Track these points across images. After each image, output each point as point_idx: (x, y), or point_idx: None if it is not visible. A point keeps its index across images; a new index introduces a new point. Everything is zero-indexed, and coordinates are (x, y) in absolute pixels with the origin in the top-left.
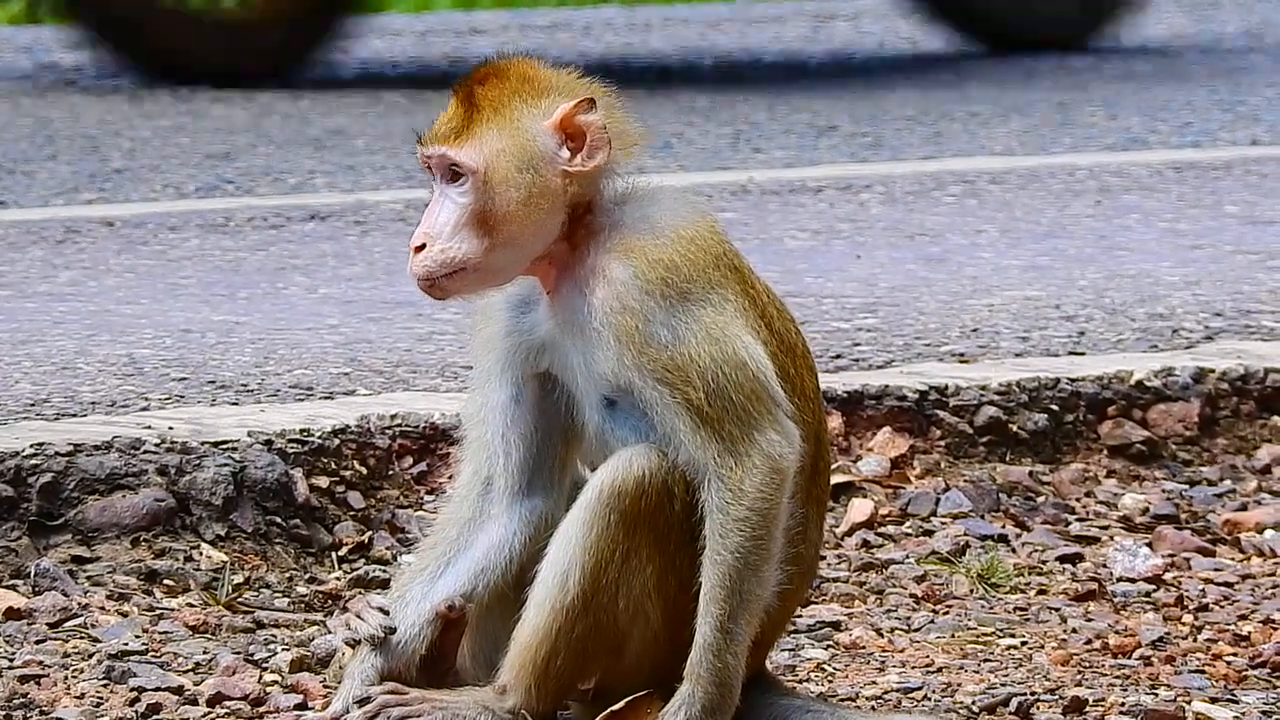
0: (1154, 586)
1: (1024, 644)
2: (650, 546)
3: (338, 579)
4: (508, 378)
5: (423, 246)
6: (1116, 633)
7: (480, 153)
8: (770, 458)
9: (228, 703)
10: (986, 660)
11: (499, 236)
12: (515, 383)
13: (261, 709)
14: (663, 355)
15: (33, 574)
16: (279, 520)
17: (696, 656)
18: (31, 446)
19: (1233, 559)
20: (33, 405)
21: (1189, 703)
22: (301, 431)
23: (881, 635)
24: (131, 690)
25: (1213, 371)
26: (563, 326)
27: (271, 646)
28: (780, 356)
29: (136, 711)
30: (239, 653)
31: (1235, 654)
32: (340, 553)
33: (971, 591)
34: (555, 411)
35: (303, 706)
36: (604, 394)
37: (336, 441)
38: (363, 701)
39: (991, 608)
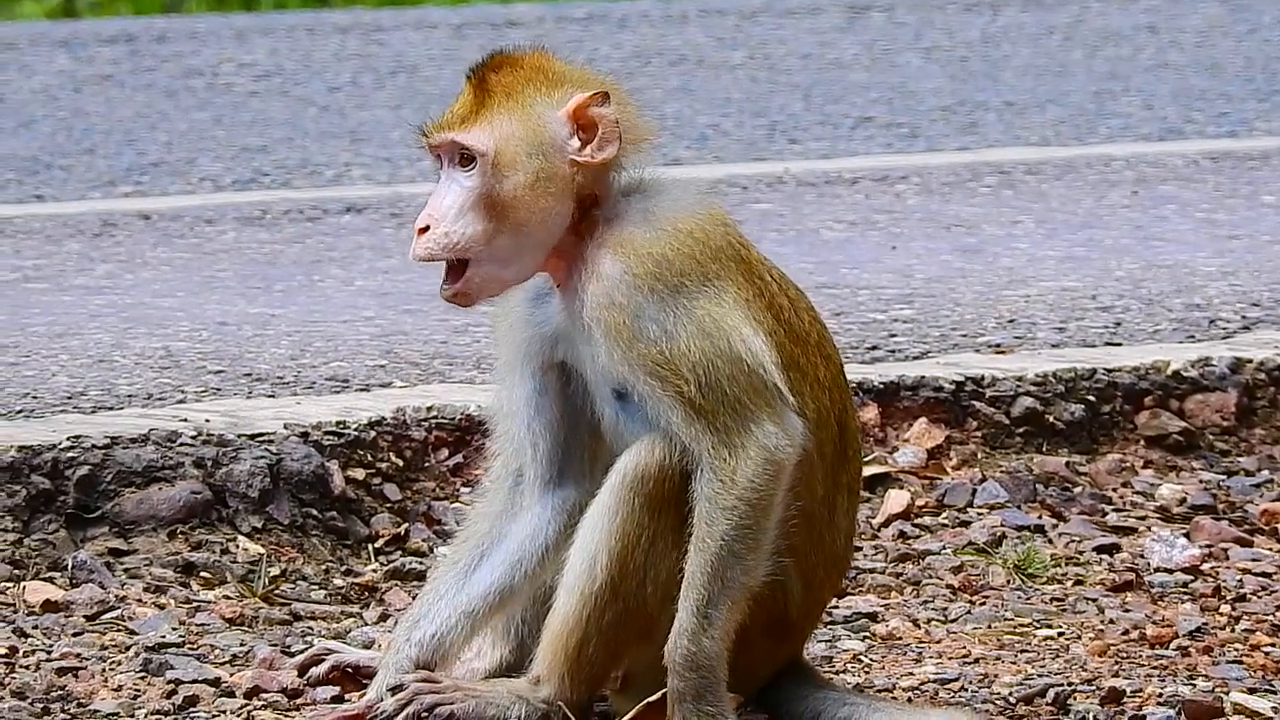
0: (1191, 577)
1: (1061, 635)
2: (675, 531)
3: (374, 571)
4: (528, 370)
5: (426, 229)
6: (1154, 623)
7: (490, 136)
8: (766, 449)
9: (265, 695)
10: (1023, 651)
11: (505, 222)
12: (535, 374)
13: (298, 700)
14: (652, 350)
15: (70, 566)
16: (315, 512)
17: (672, 643)
18: (68, 439)
19: (1270, 549)
20: (70, 398)
21: (1227, 693)
22: (338, 424)
23: (918, 626)
24: (169, 682)
25: (1250, 361)
26: (571, 320)
27: (308, 639)
28: (789, 347)
29: (174, 703)
30: (276, 645)
31: (1273, 644)
32: (376, 545)
33: (1008, 582)
34: (577, 401)
35: (339, 699)
36: (613, 386)
37: (373, 434)
38: (396, 689)
39: (1028, 598)
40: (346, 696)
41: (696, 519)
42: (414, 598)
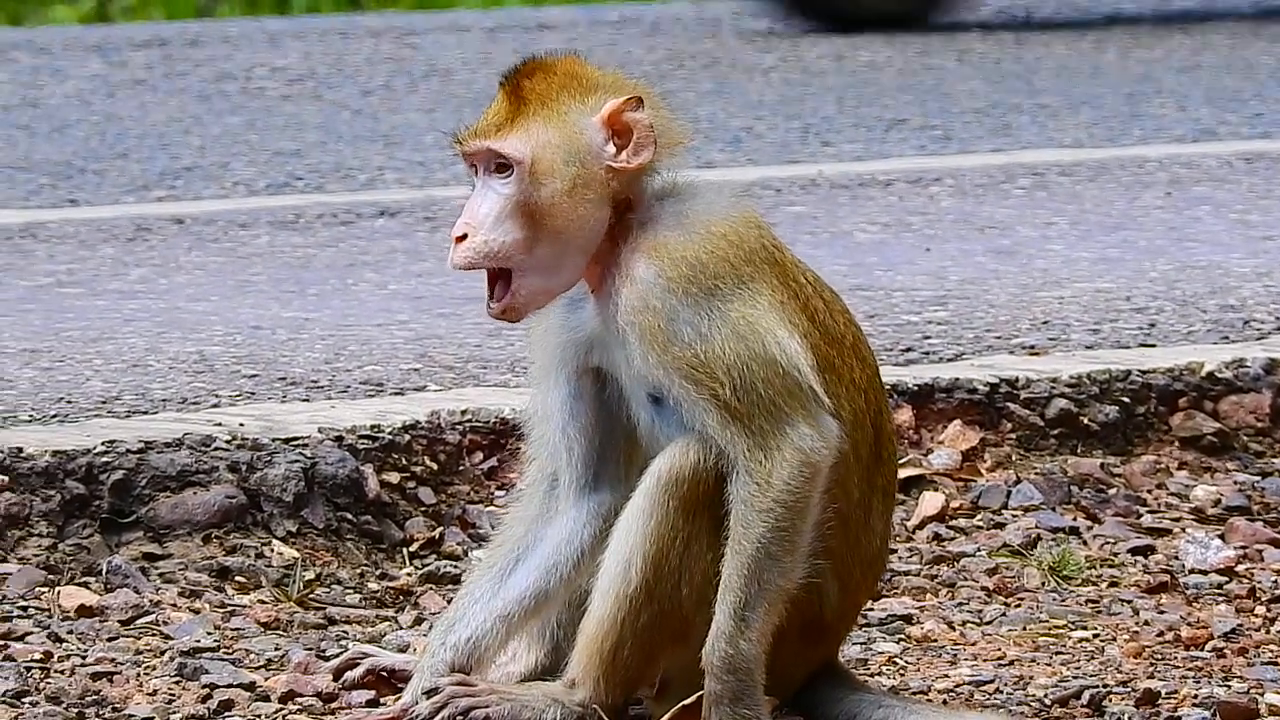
0: (1226, 578)
1: (1096, 636)
2: (710, 534)
3: (409, 575)
4: (563, 374)
5: (464, 237)
6: (1189, 625)
7: (527, 143)
8: (801, 451)
9: (300, 699)
10: (1059, 653)
11: (544, 230)
12: (570, 379)
13: (333, 705)
14: (687, 353)
15: (105, 571)
16: (350, 516)
17: (710, 645)
18: (103, 444)
19: None
20: (104, 403)
21: (1262, 694)
22: (372, 427)
23: (953, 628)
24: (204, 687)
25: None
26: (605, 325)
27: (343, 643)
28: (824, 349)
29: (209, 708)
30: (310, 649)
31: None
32: (411, 548)
33: (1043, 584)
34: (613, 406)
35: (374, 703)
36: (648, 391)
37: (407, 437)
38: (431, 692)
39: (1063, 600)
40: (381, 700)
41: (733, 522)
42: (449, 602)
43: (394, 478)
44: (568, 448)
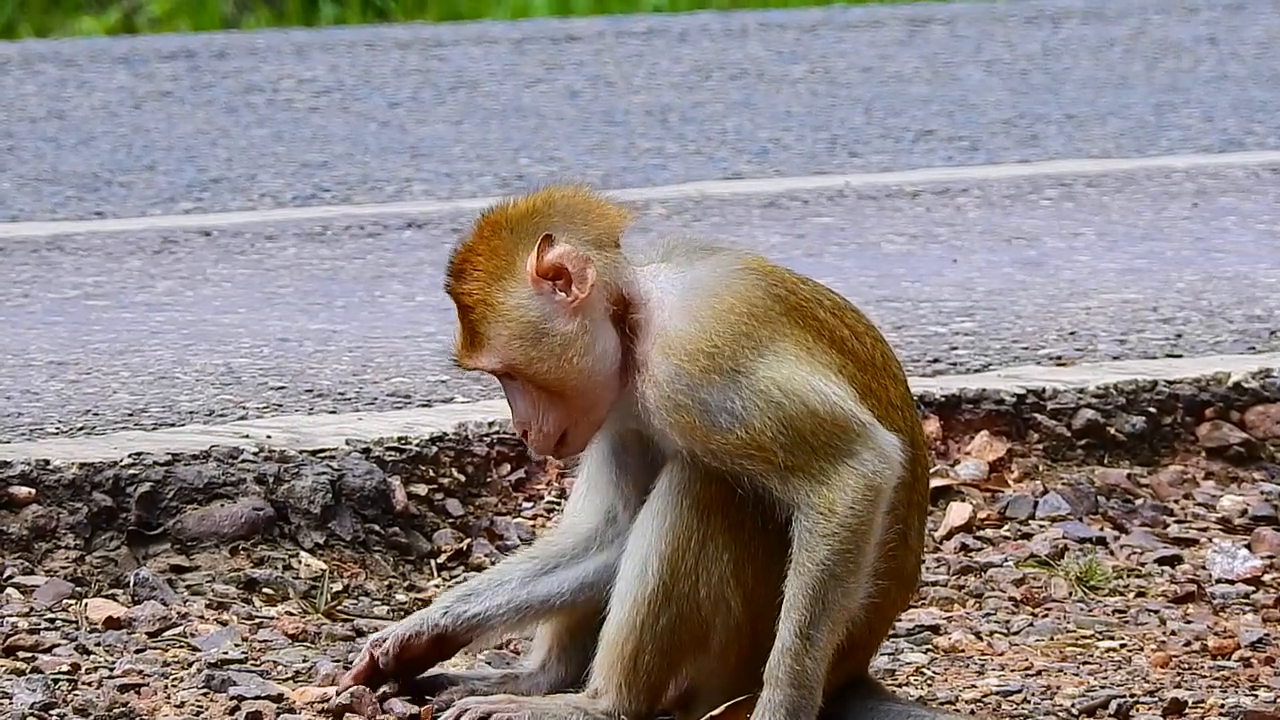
0: (1253, 588)
1: (1123, 646)
2: (725, 534)
3: (437, 586)
4: (605, 434)
5: (525, 433)
6: (1216, 634)
7: (495, 353)
8: (864, 476)
9: (326, 709)
10: (1086, 663)
11: (571, 391)
12: (611, 437)
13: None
14: (731, 438)
15: (132, 583)
16: (377, 528)
17: (775, 660)
18: (130, 456)
19: None
20: (131, 415)
21: None
22: (399, 439)
23: (980, 638)
24: (231, 699)
25: None
26: (635, 416)
27: None
28: (860, 377)
29: None
30: (339, 660)
31: None
32: (439, 560)
33: (1070, 594)
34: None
35: (415, 718)
36: (687, 453)
37: (435, 449)
38: (444, 708)
39: (1090, 610)
40: (415, 713)
41: (795, 545)
42: None
43: (421, 490)
44: (624, 496)
